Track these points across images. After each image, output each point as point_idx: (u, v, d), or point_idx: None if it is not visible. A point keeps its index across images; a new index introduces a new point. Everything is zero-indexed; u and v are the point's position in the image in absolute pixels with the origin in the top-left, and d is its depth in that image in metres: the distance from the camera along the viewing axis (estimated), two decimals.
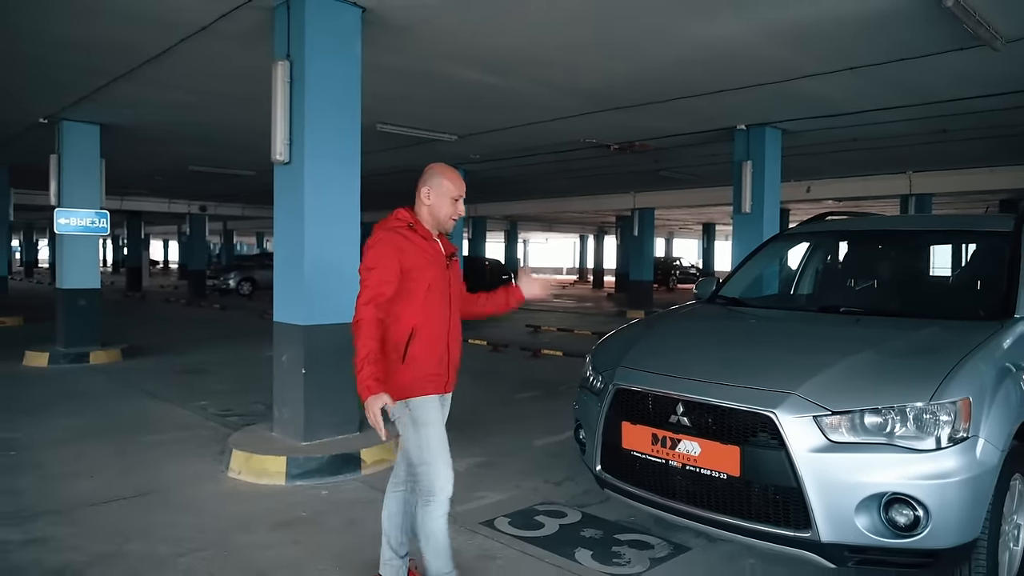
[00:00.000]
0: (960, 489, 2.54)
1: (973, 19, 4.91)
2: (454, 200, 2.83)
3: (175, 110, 8.87)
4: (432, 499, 2.69)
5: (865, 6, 4.99)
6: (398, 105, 8.42)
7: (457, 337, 2.88)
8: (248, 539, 3.71)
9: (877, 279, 4.38)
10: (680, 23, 5.51)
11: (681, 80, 7.21)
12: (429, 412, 2.74)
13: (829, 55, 6.25)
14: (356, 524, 3.96)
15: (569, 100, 8.12)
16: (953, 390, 2.63)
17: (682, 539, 3.72)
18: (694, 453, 2.88)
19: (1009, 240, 3.69)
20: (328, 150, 5.03)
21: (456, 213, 2.87)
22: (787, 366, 2.95)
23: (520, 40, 5.98)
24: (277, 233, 5.24)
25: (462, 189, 2.87)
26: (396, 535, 2.95)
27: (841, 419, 2.66)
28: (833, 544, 2.62)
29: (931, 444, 2.57)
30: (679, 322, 4.09)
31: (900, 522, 2.56)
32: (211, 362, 9.66)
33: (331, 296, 5.02)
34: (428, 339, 2.74)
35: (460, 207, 2.87)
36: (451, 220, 2.86)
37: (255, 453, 4.78)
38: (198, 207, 24.06)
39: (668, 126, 9.73)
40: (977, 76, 6.78)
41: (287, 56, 5.01)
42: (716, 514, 2.86)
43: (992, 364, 2.85)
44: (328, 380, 5.04)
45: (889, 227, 4.68)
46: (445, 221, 2.85)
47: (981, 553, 2.69)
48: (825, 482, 2.61)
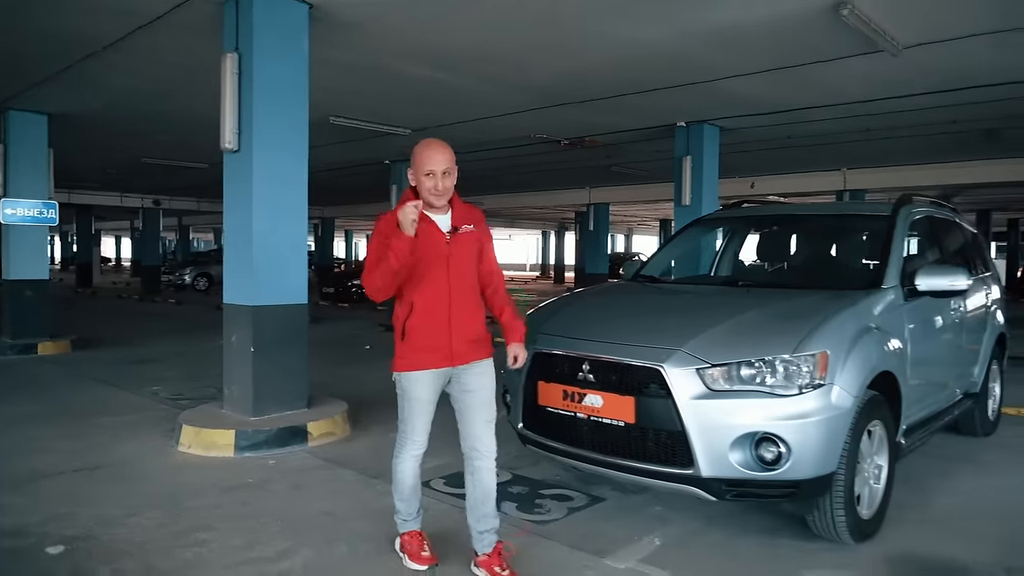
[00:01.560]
0: (817, 428, 2.97)
1: (870, 27, 5.40)
2: (427, 175, 2.80)
3: (126, 101, 8.96)
4: (399, 453, 3.06)
5: (773, 11, 5.43)
6: (349, 99, 8.68)
7: (467, 311, 2.90)
8: (197, 502, 3.97)
9: (779, 257, 4.86)
10: (615, 26, 5.89)
11: (621, 78, 7.62)
12: (417, 386, 2.92)
13: (751, 57, 6.72)
14: (301, 488, 4.26)
15: (516, 96, 8.48)
16: (813, 344, 3.06)
17: (600, 492, 4.11)
18: (597, 405, 3.26)
19: (887, 223, 4.17)
20: (276, 139, 5.29)
21: (435, 188, 2.81)
22: (677, 327, 3.36)
23: (466, 38, 6.31)
24: (227, 218, 5.49)
25: (435, 162, 2.80)
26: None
27: (719, 370, 3.07)
28: (712, 479, 3.03)
29: (794, 390, 3.01)
30: (597, 296, 4.49)
31: (767, 457, 2.98)
32: (164, 353, 9.78)
33: (279, 278, 5.30)
34: (423, 315, 2.85)
35: (441, 181, 2.80)
36: (432, 196, 2.82)
37: (205, 427, 5.03)
38: (151, 201, 23.77)
39: (614, 122, 10.16)
40: (882, 79, 7.33)
41: (236, 49, 5.26)
42: (617, 458, 3.26)
43: (851, 324, 3.30)
44: (276, 358, 5.31)
45: (792, 213, 5.18)
46: (427, 199, 2.83)
47: (839, 485, 3.13)
48: (705, 425, 3.01)
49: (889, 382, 3.54)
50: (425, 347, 2.88)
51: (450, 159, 2.85)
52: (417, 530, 3.16)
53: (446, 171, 2.83)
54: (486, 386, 2.99)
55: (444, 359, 2.89)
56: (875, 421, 3.38)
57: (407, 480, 3.07)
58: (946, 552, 3.36)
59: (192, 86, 8.02)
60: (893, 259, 3.90)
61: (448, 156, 2.84)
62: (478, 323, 2.97)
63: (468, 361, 2.94)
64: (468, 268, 2.94)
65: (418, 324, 2.87)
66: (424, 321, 2.87)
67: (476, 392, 2.97)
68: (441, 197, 2.85)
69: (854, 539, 3.32)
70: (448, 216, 2.92)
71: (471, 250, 2.95)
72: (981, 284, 5.36)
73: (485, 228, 3.05)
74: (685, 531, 3.60)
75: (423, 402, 2.95)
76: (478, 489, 3.03)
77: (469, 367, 2.96)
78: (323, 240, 30.77)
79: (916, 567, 3.22)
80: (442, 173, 2.82)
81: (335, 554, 3.27)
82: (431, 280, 2.85)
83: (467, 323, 2.91)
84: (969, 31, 5.83)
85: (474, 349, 2.95)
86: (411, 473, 3.06)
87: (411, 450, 3.02)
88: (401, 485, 3.08)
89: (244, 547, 3.32)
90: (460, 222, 2.93)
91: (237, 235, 5.38)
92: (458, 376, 2.97)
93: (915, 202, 4.62)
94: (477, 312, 2.98)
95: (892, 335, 3.63)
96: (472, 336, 2.93)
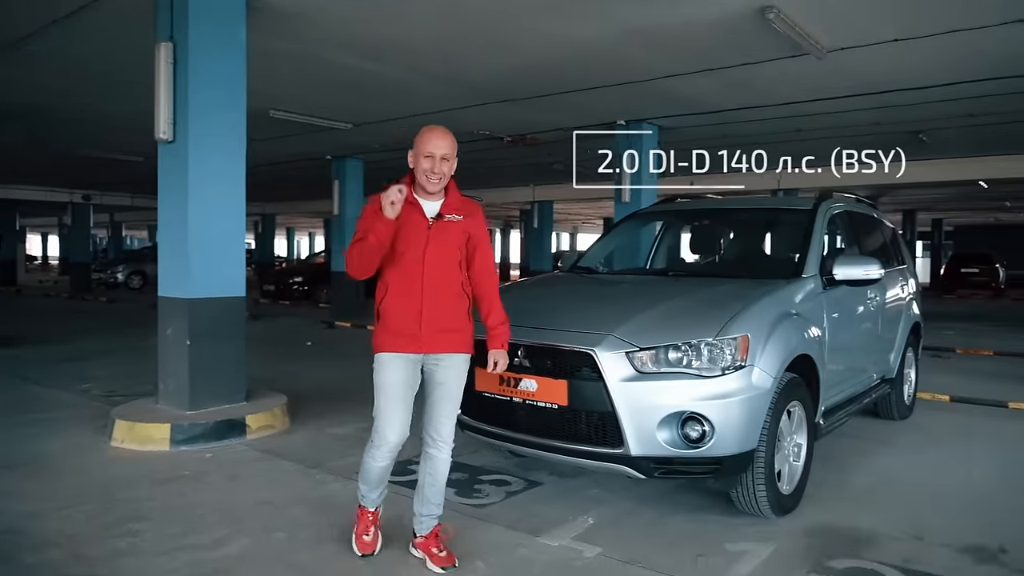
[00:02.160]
0: (738, 407, 3.14)
1: (795, 31, 5.66)
2: (425, 157, 2.82)
3: (56, 89, 8.68)
4: (369, 452, 2.97)
5: (703, 12, 5.63)
6: (289, 92, 8.60)
7: (441, 299, 2.88)
8: (131, 494, 3.91)
9: (709, 249, 5.08)
10: (548, 23, 6.02)
11: (559, 76, 7.76)
12: (386, 370, 2.87)
13: (685, 57, 6.95)
14: (239, 479, 4.23)
15: (458, 91, 8.53)
16: (735, 329, 3.24)
17: (537, 477, 4.22)
18: (532, 389, 3.37)
19: (808, 217, 4.40)
20: (213, 129, 5.22)
21: (432, 171, 2.83)
22: (609, 314, 3.49)
23: (404, 31, 6.34)
24: (161, 209, 5.40)
25: (436, 146, 2.82)
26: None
27: (647, 354, 3.21)
28: (641, 457, 3.17)
29: (717, 372, 3.17)
30: (534, 286, 4.62)
31: (692, 436, 3.13)
32: (95, 351, 9.46)
33: (215, 270, 5.25)
34: (397, 299, 2.86)
35: (438, 165, 2.83)
36: (427, 178, 2.84)
37: (139, 421, 4.94)
38: (81, 196, 22.89)
39: (555, 119, 10.31)
40: (809, 82, 7.67)
41: (170, 38, 5.17)
42: (551, 440, 3.38)
43: (772, 310, 3.50)
44: (213, 351, 5.25)
45: (722, 207, 5.40)
46: (422, 180, 2.86)
47: (760, 462, 3.31)
48: (634, 406, 3.15)
49: (808, 365, 3.75)
50: (395, 330, 2.86)
51: (451, 146, 2.86)
52: (371, 509, 3.11)
53: (445, 156, 2.84)
54: (454, 380, 2.97)
55: (412, 344, 2.86)
56: (794, 402, 3.58)
57: (375, 475, 3.01)
58: (860, 523, 3.58)
59: (125, 76, 7.81)
60: (812, 250, 4.13)
61: (450, 143, 2.86)
62: (454, 315, 2.91)
63: (438, 351, 2.91)
64: (447, 257, 2.89)
65: (391, 306, 2.88)
66: (396, 304, 2.87)
67: (444, 385, 2.95)
68: (436, 182, 2.85)
69: (775, 513, 3.51)
70: (438, 204, 2.92)
71: (454, 241, 2.91)
72: (897, 276, 5.69)
73: (480, 224, 3.01)
74: (618, 511, 3.73)
75: (393, 387, 2.87)
76: (430, 476, 3.02)
77: (440, 359, 2.93)
78: (263, 237, 30.18)
79: (832, 537, 3.42)
80: (440, 158, 2.82)
81: (273, 541, 3.29)
82: (406, 264, 2.85)
83: (440, 313, 2.87)
84: (891, 36, 6.16)
85: (446, 340, 2.90)
86: (380, 470, 2.99)
87: (382, 450, 2.91)
88: (368, 477, 3.02)
89: (179, 535, 3.30)
90: (449, 211, 2.91)
91: (172, 226, 5.30)
92: (429, 366, 2.95)
93: (835, 198, 4.88)
94: (455, 303, 2.92)
95: (811, 321, 3.84)
96: (444, 326, 2.88)
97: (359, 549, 3.10)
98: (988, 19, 5.65)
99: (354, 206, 14.67)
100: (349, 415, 5.74)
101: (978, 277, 23.79)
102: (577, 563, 3.09)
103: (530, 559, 3.13)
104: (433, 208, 2.92)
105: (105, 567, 2.99)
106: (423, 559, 3.04)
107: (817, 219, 4.36)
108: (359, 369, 7.83)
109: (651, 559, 3.11)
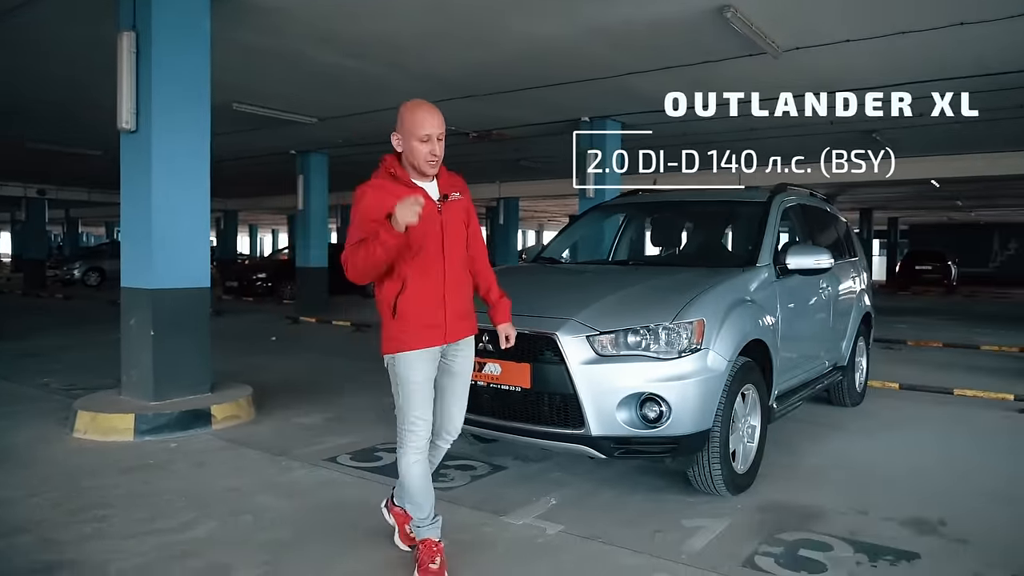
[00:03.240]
0: (694, 388, 3.28)
1: (751, 30, 5.84)
2: (422, 140, 2.61)
3: (10, 80, 8.50)
4: (401, 448, 2.75)
5: (663, 10, 5.78)
6: (254, 85, 8.55)
7: (459, 284, 2.76)
8: (96, 482, 3.91)
9: (669, 239, 5.24)
10: (514, 20, 6.11)
11: (525, 72, 7.85)
12: (414, 367, 2.69)
13: (647, 55, 7.10)
14: (205, 467, 4.26)
15: (422, 85, 8.54)
16: (691, 313, 3.38)
17: (501, 462, 4.32)
18: (496, 373, 3.46)
19: (763, 209, 4.57)
20: (176, 119, 5.21)
21: (431, 154, 2.63)
22: (570, 300, 3.61)
23: (372, 25, 6.37)
24: (124, 200, 5.36)
25: (432, 125, 2.61)
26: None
27: (607, 337, 3.34)
28: (602, 437, 3.29)
29: (674, 355, 3.30)
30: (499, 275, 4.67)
31: (650, 416, 3.26)
32: (53, 346, 9.28)
33: (180, 261, 5.25)
34: (418, 292, 2.66)
35: (436, 146, 2.64)
36: (427, 163, 2.65)
37: (102, 412, 4.92)
38: (36, 191, 22.32)
39: (520, 116, 10.40)
40: (765, 80, 7.86)
41: (133, 27, 5.15)
42: (515, 422, 3.47)
43: (727, 297, 3.65)
44: (177, 342, 5.24)
45: (682, 200, 5.57)
46: (422, 166, 2.65)
47: (715, 442, 3.45)
48: (594, 388, 3.27)
49: (762, 351, 3.90)
50: (422, 324, 2.67)
51: (443, 122, 2.68)
52: (434, 539, 2.79)
53: (440, 136, 2.66)
54: (468, 368, 2.86)
55: (439, 336, 2.71)
56: (748, 385, 3.73)
57: (414, 481, 2.74)
58: (810, 501, 3.74)
59: (86, 66, 7.69)
60: (766, 240, 4.30)
61: (441, 119, 2.67)
62: (468, 297, 2.82)
63: (459, 338, 2.79)
64: (459, 238, 2.78)
65: (412, 299, 2.66)
66: (419, 296, 2.66)
67: (460, 376, 2.84)
68: (435, 165, 2.67)
69: (730, 491, 3.66)
70: (434, 184, 2.75)
71: (460, 219, 2.79)
72: (849, 268, 5.91)
73: (469, 197, 2.88)
74: (580, 492, 3.85)
75: (422, 384, 2.70)
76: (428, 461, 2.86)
77: (459, 346, 2.81)
78: (226, 233, 29.77)
79: (783, 513, 3.57)
80: (437, 138, 2.64)
81: (241, 523, 3.33)
82: (426, 252, 2.66)
83: (459, 297, 2.76)
84: (843, 37, 6.38)
85: (464, 327, 2.80)
86: (419, 473, 2.74)
87: (413, 443, 2.71)
88: (409, 487, 2.76)
89: (146, 520, 3.33)
90: (449, 190, 2.76)
91: (135, 217, 5.27)
92: (448, 355, 2.80)
93: (789, 191, 5.07)
94: (468, 285, 2.83)
95: (765, 308, 4.00)
96: (463, 310, 2.78)
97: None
98: (936, 21, 5.90)
99: (319, 201, 14.58)
100: (315, 406, 5.77)
101: (931, 274, 24.57)
102: (539, 540, 3.20)
103: (494, 536, 3.23)
104: (433, 189, 2.73)
105: (73, 551, 3.00)
106: (393, 527, 3.06)
107: (771, 211, 4.53)
108: (325, 363, 7.91)
109: (610, 535, 3.23)
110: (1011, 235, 32.18)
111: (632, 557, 3.03)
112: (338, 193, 22.60)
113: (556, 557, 3.02)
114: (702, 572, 2.90)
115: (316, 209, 14.53)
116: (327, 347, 9.41)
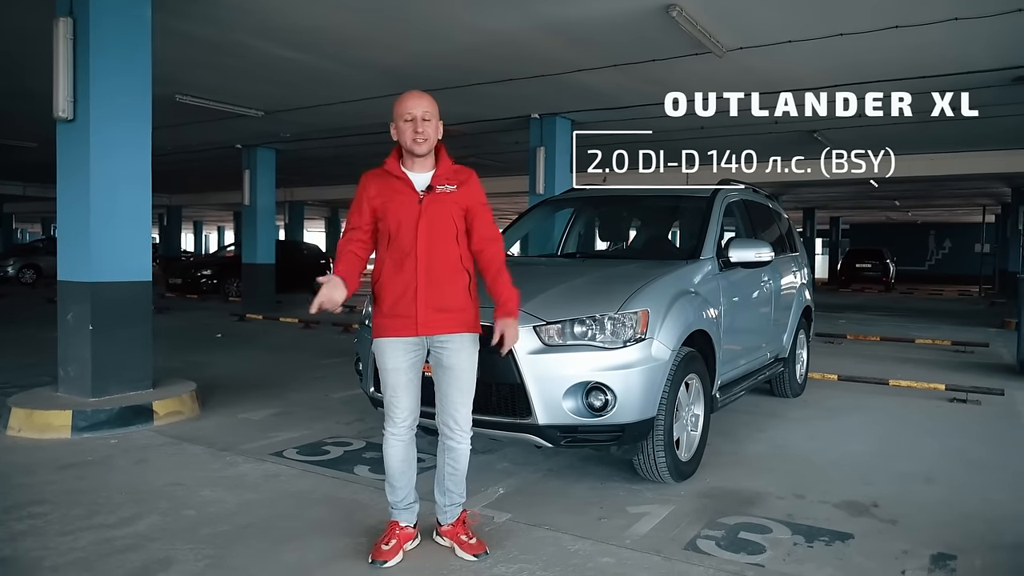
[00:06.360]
0: (639, 377, 3.35)
1: (696, 29, 5.97)
2: (407, 121, 2.70)
3: None
4: (387, 429, 2.88)
5: (611, 7, 5.85)
6: (197, 76, 8.35)
7: (439, 277, 2.73)
8: (30, 479, 3.79)
9: (616, 233, 5.32)
10: (466, 12, 6.11)
11: (474, 67, 7.85)
12: (385, 355, 2.77)
13: (596, 52, 7.18)
14: (146, 463, 4.16)
15: (370, 79, 8.49)
16: (636, 304, 3.44)
17: None
18: None
19: (707, 204, 4.68)
20: (115, 109, 5.07)
21: (416, 131, 2.70)
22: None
23: (319, 16, 6.29)
24: (61, 190, 5.20)
25: (413, 106, 2.71)
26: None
27: (554, 327, 3.38)
28: (548, 426, 3.32)
29: (619, 344, 3.36)
30: None
31: (596, 404, 3.31)
32: None
33: (120, 253, 5.11)
34: (391, 281, 2.74)
35: (423, 126, 2.70)
36: (413, 142, 2.71)
37: (37, 409, 4.76)
38: None
39: (471, 111, 10.39)
40: (711, 80, 8.05)
41: (70, 13, 4.99)
42: None
43: (671, 288, 3.74)
44: (118, 336, 5.10)
45: (629, 194, 5.66)
46: (409, 144, 2.73)
47: (660, 430, 3.53)
48: (541, 377, 3.30)
49: (705, 341, 4.00)
50: (392, 313, 2.74)
51: (431, 105, 2.74)
52: (400, 523, 2.93)
53: (425, 116, 2.71)
54: (463, 364, 2.82)
55: (411, 328, 2.73)
56: (692, 375, 3.82)
57: (389, 462, 2.88)
58: (751, 486, 3.86)
59: (17, 55, 7.42)
60: (710, 234, 4.40)
61: (428, 102, 2.74)
62: (452, 292, 2.76)
63: (437, 332, 2.76)
64: (443, 231, 2.74)
65: (385, 287, 2.76)
66: (391, 286, 2.74)
67: (453, 370, 2.81)
68: (422, 143, 2.71)
69: (674, 478, 3.74)
70: (428, 175, 2.78)
71: (449, 212, 2.76)
72: (790, 263, 6.09)
73: (476, 191, 2.86)
74: (527, 482, 3.89)
75: (396, 372, 2.78)
76: (451, 467, 2.93)
77: (444, 340, 2.78)
78: (169, 230, 28.98)
79: (725, 498, 3.68)
80: (421, 118, 2.70)
81: (183, 517, 3.27)
82: (400, 242, 2.72)
83: (437, 291, 2.73)
84: (785, 38, 6.57)
85: (445, 320, 2.76)
86: (397, 457, 2.86)
87: (390, 427, 2.84)
88: (386, 468, 2.89)
89: (84, 516, 3.24)
90: (441, 182, 2.78)
91: (72, 208, 5.11)
92: (434, 348, 2.81)
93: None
94: (454, 280, 2.77)
95: (708, 300, 4.10)
96: (442, 305, 2.74)
97: (377, 555, 2.84)
98: (869, 24, 6.12)
99: (266, 196, 14.30)
100: (261, 402, 5.69)
101: (871, 272, 25.49)
102: (488, 528, 3.22)
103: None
104: (423, 180, 2.77)
105: (6, 548, 2.91)
106: (451, 547, 2.96)
107: (715, 205, 4.65)
108: (273, 359, 7.79)
109: (557, 522, 3.28)
110: (946, 235, 33.59)
111: (578, 543, 3.08)
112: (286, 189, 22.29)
113: (503, 544, 3.05)
114: (646, 556, 2.96)
115: (263, 205, 14.25)
116: (275, 344, 9.27)
